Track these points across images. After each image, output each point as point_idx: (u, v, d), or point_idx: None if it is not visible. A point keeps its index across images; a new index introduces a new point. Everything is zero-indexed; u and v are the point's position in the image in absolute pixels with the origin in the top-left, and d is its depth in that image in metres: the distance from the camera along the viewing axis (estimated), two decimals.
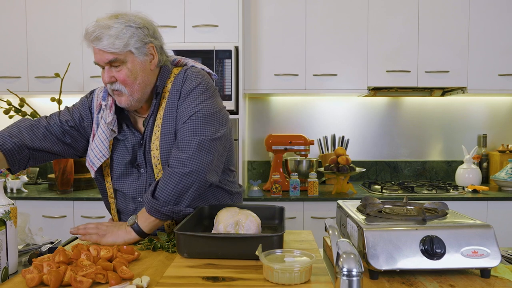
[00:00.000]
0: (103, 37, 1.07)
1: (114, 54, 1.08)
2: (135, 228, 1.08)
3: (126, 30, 1.08)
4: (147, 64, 1.14)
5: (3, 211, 0.89)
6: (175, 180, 1.07)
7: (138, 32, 1.10)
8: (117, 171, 1.21)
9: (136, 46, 1.10)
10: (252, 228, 1.01)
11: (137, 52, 1.11)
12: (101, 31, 1.07)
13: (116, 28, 1.07)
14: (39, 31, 2.51)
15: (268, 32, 2.46)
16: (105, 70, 1.11)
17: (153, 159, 1.15)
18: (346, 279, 0.73)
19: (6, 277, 0.87)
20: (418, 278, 0.85)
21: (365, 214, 0.97)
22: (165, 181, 1.07)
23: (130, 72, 1.11)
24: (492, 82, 2.44)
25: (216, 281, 0.82)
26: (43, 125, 1.20)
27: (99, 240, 1.07)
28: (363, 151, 2.80)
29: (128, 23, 1.09)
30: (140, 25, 1.11)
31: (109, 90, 1.16)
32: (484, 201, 2.24)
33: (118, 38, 1.07)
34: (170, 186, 1.06)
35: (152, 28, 1.16)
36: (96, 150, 1.18)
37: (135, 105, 1.16)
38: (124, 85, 1.12)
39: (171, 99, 1.17)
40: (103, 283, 0.82)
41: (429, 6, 2.44)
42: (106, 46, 1.07)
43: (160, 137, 1.15)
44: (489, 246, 0.84)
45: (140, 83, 1.13)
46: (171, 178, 1.07)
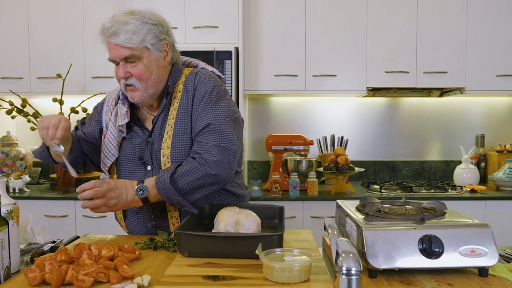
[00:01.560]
0: (120, 32, 1.08)
1: (130, 49, 1.09)
2: (144, 200, 1.10)
3: (142, 26, 1.10)
4: (161, 60, 1.16)
5: (5, 210, 0.90)
6: (197, 175, 1.08)
7: (154, 29, 1.12)
8: (124, 168, 1.22)
9: (152, 42, 1.12)
10: (252, 227, 1.02)
11: (152, 48, 1.12)
12: (118, 26, 1.08)
13: (133, 24, 1.09)
14: (40, 32, 2.51)
15: (268, 33, 2.46)
16: (120, 66, 1.12)
17: (163, 157, 1.15)
18: (345, 278, 0.74)
19: (8, 276, 0.87)
20: (416, 277, 0.86)
21: (364, 213, 0.97)
22: (187, 171, 1.08)
23: (145, 68, 1.12)
24: (490, 82, 2.45)
25: (217, 280, 0.82)
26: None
27: (110, 210, 1.09)
28: (362, 151, 2.81)
29: (144, 20, 1.11)
30: (155, 22, 1.13)
31: (122, 86, 1.16)
32: (482, 201, 2.25)
33: (135, 33, 1.08)
34: (190, 178, 1.08)
35: (166, 25, 1.18)
36: (106, 151, 1.20)
37: (147, 101, 1.17)
38: (139, 80, 1.13)
39: (184, 100, 1.18)
40: (105, 282, 0.83)
41: (428, 7, 2.45)
42: (123, 41, 1.08)
43: (173, 137, 1.16)
44: (487, 245, 0.84)
45: (155, 79, 1.15)
46: (195, 171, 1.08)
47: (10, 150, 2.53)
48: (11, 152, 2.52)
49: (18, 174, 2.49)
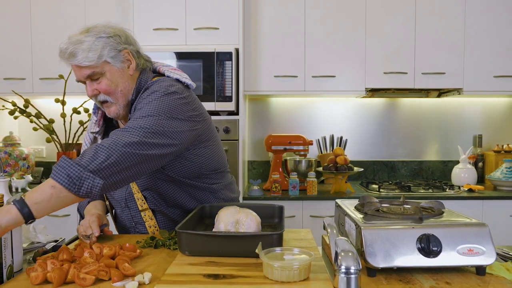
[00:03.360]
0: (77, 53, 1.07)
1: (90, 67, 1.09)
2: (19, 207, 0.86)
3: (97, 41, 1.08)
4: (125, 70, 1.14)
5: None
6: (102, 147, 0.94)
7: (110, 41, 1.10)
8: None
9: (110, 55, 1.10)
10: (252, 226, 1.02)
11: (113, 61, 1.11)
12: (74, 47, 1.07)
13: (87, 41, 1.07)
14: (43, 33, 2.52)
15: (268, 35, 2.47)
16: (87, 85, 1.12)
17: None
18: (345, 276, 0.74)
19: (11, 275, 0.88)
20: (415, 275, 0.86)
21: (363, 213, 0.98)
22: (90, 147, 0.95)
23: (110, 82, 1.11)
24: (487, 83, 2.47)
25: (217, 278, 0.82)
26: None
27: None
28: (361, 151, 2.82)
29: (98, 35, 1.09)
30: (111, 34, 1.11)
31: (97, 103, 1.17)
32: (480, 200, 2.27)
33: (91, 50, 1.07)
34: (92, 150, 0.94)
35: (124, 34, 1.15)
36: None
37: (123, 113, 1.17)
38: (107, 95, 1.13)
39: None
40: (106, 280, 0.83)
41: (426, 9, 2.46)
42: (81, 60, 1.07)
43: None
44: (485, 244, 0.85)
45: (122, 90, 1.14)
46: (99, 145, 0.94)
47: (12, 150, 2.54)
48: (13, 152, 2.53)
49: (21, 174, 2.50)
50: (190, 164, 1.18)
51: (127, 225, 1.26)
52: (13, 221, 0.84)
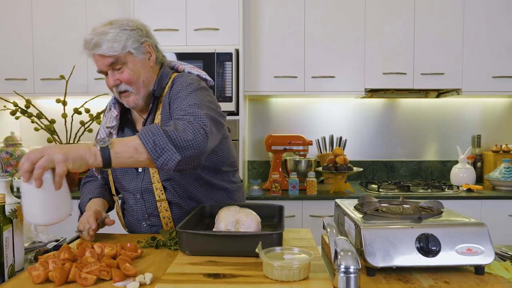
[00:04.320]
0: (102, 43, 1.11)
1: (114, 56, 1.13)
2: (103, 152, 0.89)
3: (121, 33, 1.13)
4: (146, 61, 1.19)
5: (9, 209, 0.91)
6: (188, 130, 0.97)
7: (133, 34, 1.15)
8: (117, 170, 1.25)
9: (133, 46, 1.14)
10: (252, 226, 1.03)
11: (135, 52, 1.15)
12: (99, 38, 1.11)
13: (112, 33, 1.12)
14: (44, 34, 2.53)
15: (268, 35, 2.48)
16: (109, 74, 1.16)
17: None
18: (344, 275, 0.75)
19: (12, 274, 0.88)
20: (414, 275, 0.87)
21: (362, 212, 0.99)
22: (175, 125, 0.97)
23: (132, 72, 1.15)
24: (486, 84, 2.48)
25: (217, 277, 0.83)
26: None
27: (62, 165, 0.85)
28: (361, 151, 2.83)
29: (122, 27, 1.14)
30: (133, 27, 1.16)
31: (116, 94, 1.20)
32: (478, 200, 2.27)
33: (115, 41, 1.11)
34: (180, 129, 0.96)
35: (145, 29, 1.20)
36: None
37: (141, 104, 1.20)
38: (129, 84, 1.16)
39: (165, 102, 1.20)
40: (107, 280, 0.84)
41: (425, 9, 2.47)
42: (105, 50, 1.11)
43: None
44: (483, 244, 0.85)
45: (144, 80, 1.18)
46: (184, 126, 0.97)
47: (14, 150, 2.54)
48: (15, 152, 2.54)
49: None
50: (215, 157, 1.23)
51: (139, 217, 1.26)
52: (96, 164, 0.89)
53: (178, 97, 1.12)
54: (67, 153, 0.85)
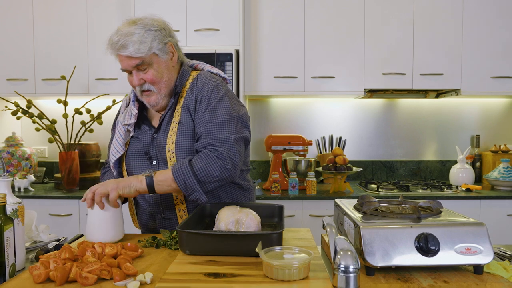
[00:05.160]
0: (128, 44, 1.13)
1: (140, 58, 1.15)
2: (147, 180, 1.11)
3: (147, 34, 1.15)
4: (169, 62, 1.22)
5: (11, 209, 0.91)
6: (215, 166, 1.11)
7: (158, 34, 1.17)
8: (132, 164, 1.27)
9: (158, 47, 1.17)
10: (252, 226, 1.03)
11: (160, 53, 1.18)
12: (125, 39, 1.13)
13: (138, 33, 1.14)
14: (45, 34, 2.53)
15: (268, 36, 2.48)
16: (133, 74, 1.19)
17: (168, 152, 1.20)
18: (343, 275, 0.75)
19: (13, 274, 0.88)
20: (413, 274, 0.87)
21: (361, 212, 0.99)
22: (206, 160, 1.11)
23: (156, 72, 1.19)
24: (485, 84, 2.48)
25: (217, 277, 0.83)
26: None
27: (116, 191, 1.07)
28: (360, 151, 2.84)
29: (147, 27, 1.16)
30: (158, 28, 1.18)
31: (138, 92, 1.23)
32: (477, 200, 2.28)
33: (142, 43, 1.14)
34: (209, 168, 1.10)
35: (168, 28, 1.23)
36: (112, 148, 1.27)
37: (162, 103, 1.23)
38: (153, 84, 1.20)
39: (187, 99, 1.23)
40: (108, 279, 0.84)
41: (424, 10, 2.48)
42: (132, 52, 1.14)
43: (177, 133, 1.20)
44: (482, 244, 0.86)
45: (167, 80, 1.22)
46: (213, 162, 1.11)
47: (15, 150, 2.55)
48: (16, 152, 2.54)
49: (23, 173, 2.51)
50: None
51: (153, 211, 1.26)
52: (142, 189, 1.11)
53: (208, 106, 1.18)
54: (118, 182, 1.09)
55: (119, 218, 1.12)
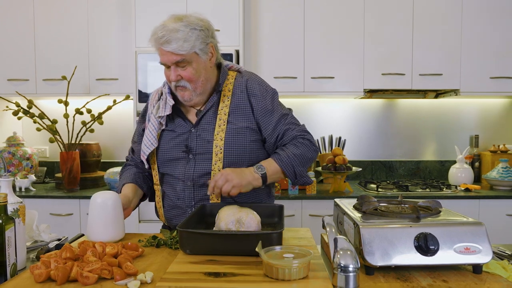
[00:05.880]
0: (172, 40, 1.14)
1: (181, 56, 1.17)
2: (263, 177, 1.21)
3: (191, 33, 1.16)
4: (207, 62, 1.24)
5: (12, 209, 0.91)
6: (310, 150, 1.29)
7: (201, 34, 1.19)
8: (167, 156, 1.28)
9: (200, 47, 1.19)
10: (253, 225, 1.03)
11: (201, 53, 1.20)
12: (170, 35, 1.14)
13: (182, 31, 1.15)
14: (46, 35, 2.54)
15: (268, 36, 2.49)
16: (172, 69, 1.20)
17: (215, 147, 1.23)
18: (343, 274, 0.76)
19: (14, 273, 0.89)
20: (412, 273, 0.88)
21: (361, 212, 0.99)
22: (302, 148, 1.26)
23: (195, 71, 1.20)
24: (484, 84, 2.49)
25: (218, 276, 0.83)
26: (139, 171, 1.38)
27: (238, 189, 1.16)
28: (360, 151, 2.84)
29: (192, 26, 1.17)
30: (202, 27, 1.20)
31: (173, 87, 1.24)
32: (476, 200, 2.29)
33: (186, 41, 1.15)
34: (307, 153, 1.27)
35: (211, 29, 1.25)
36: (146, 140, 1.27)
37: (195, 100, 1.25)
38: (189, 82, 1.21)
39: (237, 98, 1.27)
40: (109, 279, 0.84)
41: (423, 11, 2.48)
42: (175, 48, 1.15)
43: (226, 130, 1.24)
44: (481, 243, 0.86)
45: (203, 80, 1.23)
46: (308, 148, 1.28)
47: (16, 150, 2.55)
48: (17, 152, 2.54)
49: (24, 173, 2.51)
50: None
51: (184, 204, 1.27)
52: (257, 185, 1.20)
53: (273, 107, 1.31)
54: (241, 180, 1.16)
55: (120, 218, 1.13)
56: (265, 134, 1.28)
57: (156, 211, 1.37)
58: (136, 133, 1.39)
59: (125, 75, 2.51)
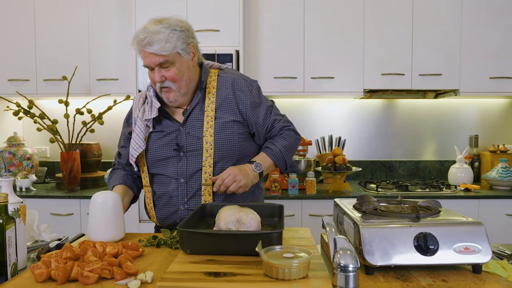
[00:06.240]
0: (154, 42, 1.17)
1: (164, 56, 1.19)
2: (260, 174, 1.28)
3: (172, 34, 1.19)
4: (190, 62, 1.26)
5: (12, 209, 0.92)
6: (296, 140, 1.36)
7: (182, 35, 1.22)
8: (157, 156, 1.29)
9: (182, 47, 1.21)
10: (253, 225, 1.03)
11: (183, 53, 1.22)
12: (152, 37, 1.17)
13: (164, 32, 1.18)
14: (47, 35, 2.54)
15: (268, 37, 2.49)
16: (155, 71, 1.23)
17: (205, 144, 1.26)
18: (343, 274, 0.76)
19: (15, 273, 0.89)
20: (412, 273, 0.88)
21: (361, 211, 0.99)
22: (289, 139, 1.33)
23: (178, 71, 1.23)
24: (483, 85, 2.49)
25: (218, 276, 0.83)
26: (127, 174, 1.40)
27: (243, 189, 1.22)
28: (359, 151, 2.84)
29: (173, 27, 1.20)
30: (182, 28, 1.23)
31: (157, 89, 1.26)
32: (476, 199, 2.29)
33: (167, 42, 1.18)
34: (294, 143, 1.35)
35: (191, 29, 1.28)
36: (133, 143, 1.28)
37: (180, 100, 1.27)
38: (173, 82, 1.24)
39: (222, 94, 1.30)
40: (109, 278, 0.85)
41: (423, 11, 2.48)
42: (157, 50, 1.17)
43: (215, 126, 1.27)
44: (481, 243, 0.87)
45: (187, 79, 1.26)
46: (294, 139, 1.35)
47: (17, 150, 2.55)
48: (18, 152, 2.55)
49: (25, 173, 2.52)
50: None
51: (177, 202, 1.28)
52: (256, 181, 1.28)
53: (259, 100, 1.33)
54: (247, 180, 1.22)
55: (120, 218, 1.13)
56: (255, 126, 1.32)
57: (147, 212, 1.38)
58: (122, 137, 1.40)
59: (126, 75, 2.51)
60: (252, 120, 1.30)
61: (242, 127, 1.30)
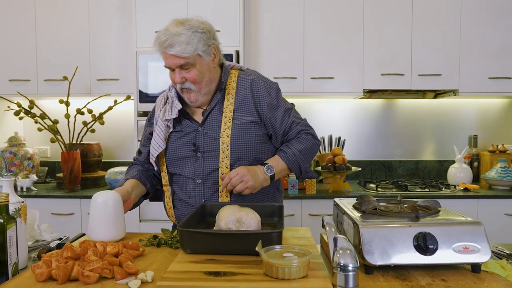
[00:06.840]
0: (175, 44, 1.18)
1: (185, 58, 1.20)
2: (272, 177, 1.25)
3: (193, 36, 1.20)
4: (211, 63, 1.27)
5: (13, 208, 0.92)
6: (313, 145, 1.32)
7: (203, 37, 1.22)
8: (175, 156, 1.30)
9: (202, 49, 1.22)
10: (253, 225, 1.03)
11: (203, 54, 1.23)
12: (173, 39, 1.18)
13: (185, 34, 1.18)
14: (47, 35, 2.55)
15: (268, 37, 2.49)
16: (176, 72, 1.24)
17: (222, 145, 1.26)
18: (343, 273, 0.76)
19: (16, 272, 0.89)
20: (411, 273, 0.88)
21: (360, 211, 1.00)
22: (306, 143, 1.30)
23: (198, 72, 1.23)
24: (482, 85, 2.50)
25: (218, 275, 0.83)
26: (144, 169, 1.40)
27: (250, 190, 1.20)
28: (359, 151, 2.85)
29: (194, 29, 1.21)
30: (204, 30, 1.23)
31: (178, 89, 1.28)
32: (475, 199, 2.29)
33: (188, 44, 1.18)
34: (311, 148, 1.31)
35: (212, 30, 1.28)
36: (153, 143, 1.29)
37: (201, 100, 1.28)
38: (194, 83, 1.25)
39: (241, 95, 1.29)
40: (109, 278, 0.85)
41: (422, 11, 2.49)
42: (178, 51, 1.18)
43: (232, 128, 1.27)
44: (480, 242, 0.87)
45: (207, 81, 1.26)
46: (311, 143, 1.31)
47: (18, 150, 2.56)
48: (19, 152, 2.55)
49: (26, 173, 2.52)
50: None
51: (195, 202, 1.28)
52: (267, 184, 1.25)
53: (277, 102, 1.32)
54: (255, 182, 1.20)
55: (121, 217, 1.14)
56: (272, 128, 1.30)
57: (166, 211, 1.39)
58: (144, 136, 1.42)
59: (126, 76, 2.51)
60: (269, 122, 1.29)
61: (260, 129, 1.29)
